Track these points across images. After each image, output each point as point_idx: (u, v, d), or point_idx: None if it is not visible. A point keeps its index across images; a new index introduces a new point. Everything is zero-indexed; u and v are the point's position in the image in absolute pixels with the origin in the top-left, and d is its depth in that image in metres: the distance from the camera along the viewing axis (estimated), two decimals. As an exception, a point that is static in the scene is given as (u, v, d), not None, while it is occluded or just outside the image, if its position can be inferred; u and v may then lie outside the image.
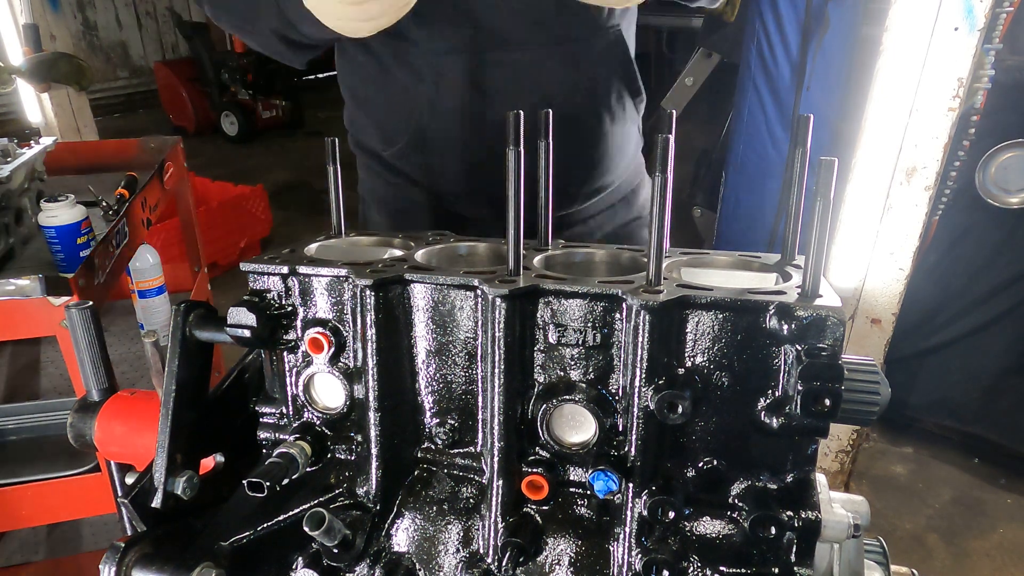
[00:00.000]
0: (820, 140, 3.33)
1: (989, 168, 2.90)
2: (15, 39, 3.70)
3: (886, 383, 0.68)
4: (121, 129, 9.09)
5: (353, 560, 0.74)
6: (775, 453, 0.70)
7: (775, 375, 0.68)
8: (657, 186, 0.68)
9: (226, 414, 0.85)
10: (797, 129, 0.73)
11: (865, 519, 0.74)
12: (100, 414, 0.91)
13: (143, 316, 2.72)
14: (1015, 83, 2.79)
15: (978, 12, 2.04)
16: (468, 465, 0.79)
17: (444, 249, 0.90)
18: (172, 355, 0.77)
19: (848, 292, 2.46)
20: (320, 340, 0.78)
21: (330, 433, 0.82)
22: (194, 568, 0.68)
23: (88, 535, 2.66)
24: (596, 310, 0.71)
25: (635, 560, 0.71)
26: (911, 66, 2.15)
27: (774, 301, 0.66)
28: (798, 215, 0.78)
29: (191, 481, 0.77)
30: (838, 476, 2.74)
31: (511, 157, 0.72)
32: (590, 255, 0.88)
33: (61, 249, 1.97)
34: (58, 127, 3.92)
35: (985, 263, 3.09)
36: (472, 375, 0.77)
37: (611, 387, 0.72)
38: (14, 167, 2.07)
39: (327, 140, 0.88)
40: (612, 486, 0.70)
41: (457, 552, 0.76)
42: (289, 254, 0.83)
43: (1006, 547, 2.85)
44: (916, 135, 2.22)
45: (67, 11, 9.81)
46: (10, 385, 2.71)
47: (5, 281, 1.76)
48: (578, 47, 1.41)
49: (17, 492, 1.98)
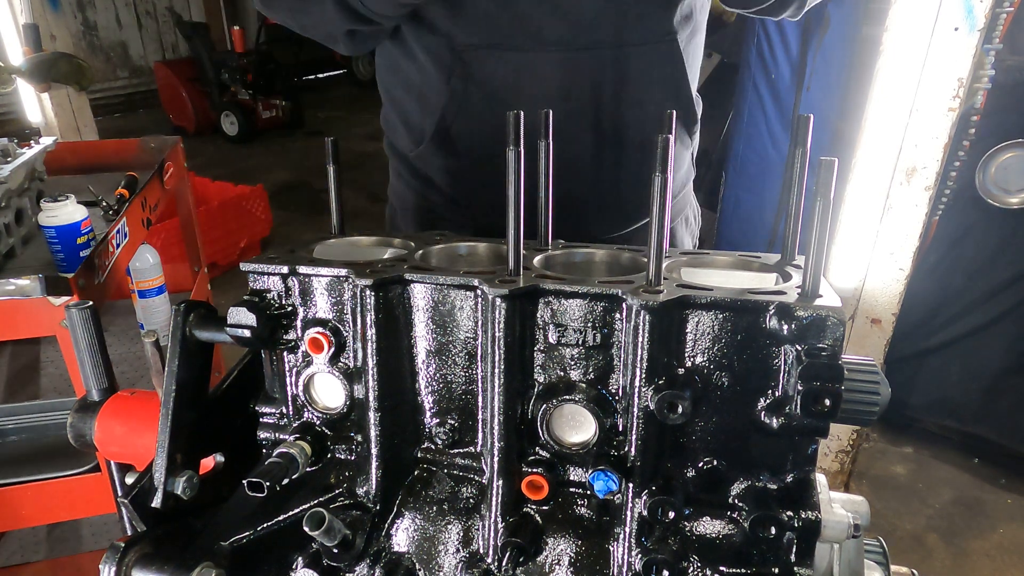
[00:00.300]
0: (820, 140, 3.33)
1: (989, 168, 2.91)
2: (15, 39, 3.70)
3: (886, 383, 0.68)
4: (121, 129, 9.09)
5: (353, 560, 0.74)
6: (775, 453, 0.70)
7: (775, 375, 0.68)
8: (657, 186, 0.68)
9: (226, 414, 0.85)
10: (797, 129, 0.73)
11: (865, 519, 0.74)
12: (100, 414, 0.91)
13: (143, 316, 2.72)
14: (1015, 83, 2.79)
15: (978, 12, 2.04)
16: (468, 465, 0.79)
17: (444, 249, 0.90)
18: (172, 355, 0.77)
19: (848, 292, 2.46)
20: (320, 340, 0.78)
21: (330, 433, 0.82)
22: (194, 568, 0.68)
23: (88, 535, 2.66)
24: (596, 310, 0.71)
25: (635, 560, 0.71)
26: (911, 66, 2.16)
27: (774, 301, 0.66)
28: (798, 215, 0.78)
29: (191, 481, 0.77)
30: (838, 476, 2.74)
31: (511, 157, 0.72)
32: (590, 255, 0.88)
33: (61, 249, 1.97)
34: (58, 127, 3.92)
35: (985, 263, 3.09)
36: (472, 375, 0.77)
37: (611, 387, 0.72)
38: (14, 167, 2.07)
39: (327, 140, 0.88)
40: (612, 486, 0.70)
41: (457, 552, 0.76)
42: (289, 254, 0.83)
43: (1006, 547, 2.85)
44: (916, 135, 2.22)
45: (67, 11, 9.81)
46: (10, 385, 2.71)
47: (5, 281, 1.76)
48: (625, 53, 1.30)
49: (17, 492, 1.98)
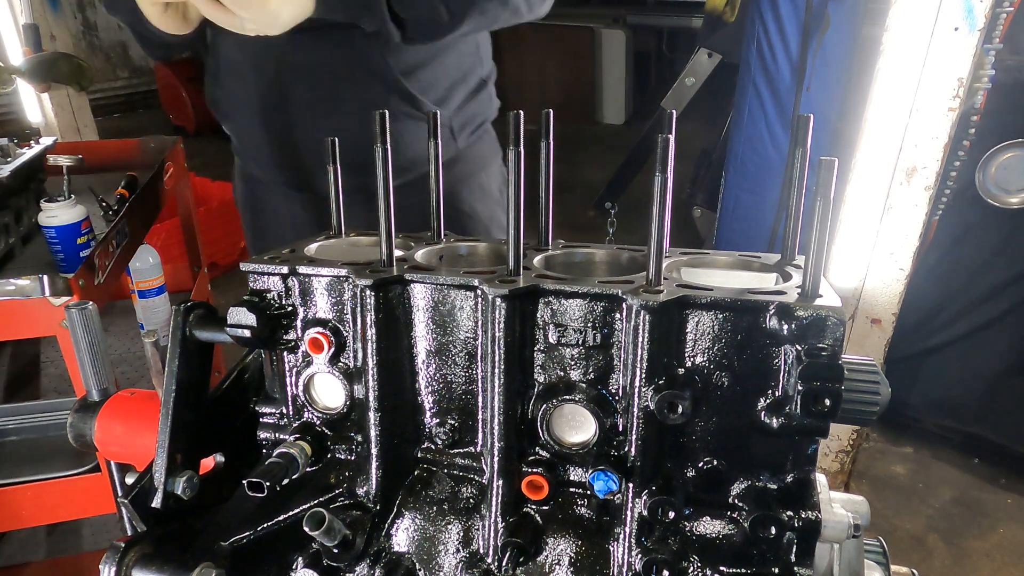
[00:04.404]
0: (820, 140, 3.33)
1: (989, 168, 2.90)
2: (15, 39, 3.70)
3: (886, 383, 0.68)
4: (121, 129, 9.08)
5: (353, 560, 0.74)
6: (775, 453, 0.70)
7: (775, 375, 0.68)
8: (657, 186, 0.68)
9: (226, 414, 0.85)
10: (797, 129, 0.73)
11: (865, 519, 0.74)
12: (100, 414, 0.91)
13: (143, 316, 2.72)
14: (1015, 83, 2.79)
15: (978, 12, 2.04)
16: (468, 465, 0.79)
17: (444, 249, 0.90)
18: (172, 355, 0.77)
19: (848, 292, 2.46)
20: (320, 340, 0.78)
21: (330, 433, 0.82)
22: (194, 568, 0.68)
23: (88, 535, 2.66)
24: (596, 310, 0.71)
25: (635, 560, 0.71)
26: (911, 66, 2.16)
27: (774, 301, 0.66)
28: (798, 215, 0.78)
29: (191, 481, 0.77)
30: (838, 476, 2.74)
31: (511, 157, 0.72)
32: (590, 255, 0.88)
33: (61, 249, 1.97)
34: (58, 127, 3.92)
35: (985, 263, 3.09)
36: (472, 375, 0.77)
37: (611, 387, 0.72)
38: (14, 167, 2.07)
39: (327, 140, 0.88)
40: (612, 486, 0.70)
41: (457, 552, 0.76)
42: (289, 254, 0.83)
43: (1006, 547, 2.85)
44: (916, 135, 2.22)
45: (67, 11, 9.79)
46: (10, 385, 2.71)
47: (5, 281, 1.76)
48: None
49: (17, 492, 1.98)
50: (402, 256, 0.84)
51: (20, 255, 2.08)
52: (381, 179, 0.78)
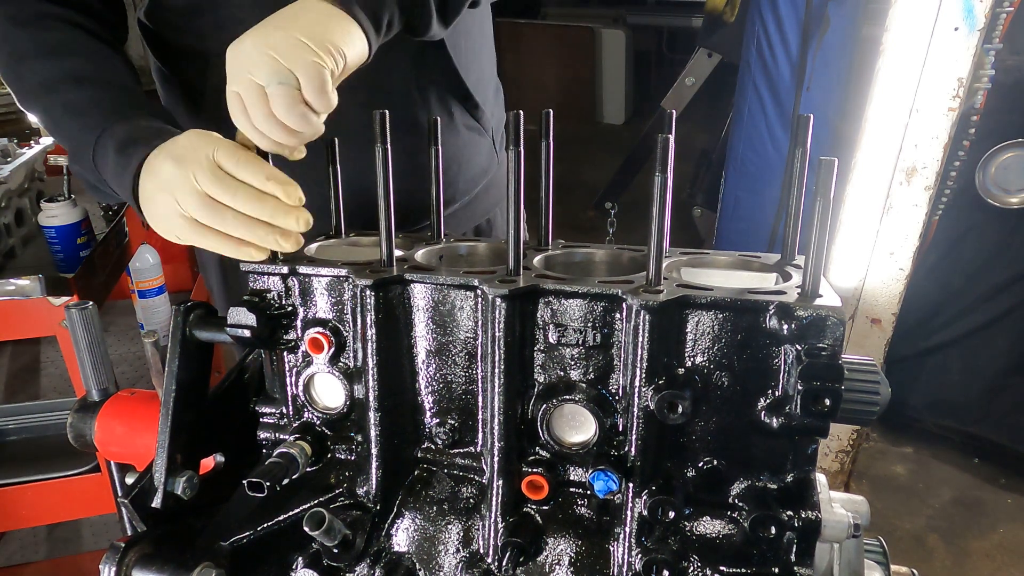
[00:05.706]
0: (820, 140, 3.33)
1: (989, 168, 2.90)
2: (15, 39, 3.69)
3: (886, 383, 0.68)
4: (121, 129, 9.05)
5: (353, 560, 0.74)
6: (775, 453, 0.70)
7: (775, 375, 0.68)
8: (657, 186, 0.68)
9: (226, 414, 0.85)
10: (797, 129, 0.73)
11: (865, 519, 0.74)
12: (100, 414, 0.91)
13: (143, 316, 2.72)
14: (1015, 83, 2.79)
15: (978, 12, 2.04)
16: (468, 465, 0.79)
17: (444, 249, 0.90)
18: (172, 355, 0.77)
19: (848, 292, 2.46)
20: (320, 340, 0.78)
21: (330, 433, 0.82)
22: (194, 568, 0.68)
23: (88, 535, 2.66)
24: (596, 310, 0.71)
25: (635, 560, 0.71)
26: (911, 66, 2.15)
27: (774, 301, 0.66)
28: (798, 215, 0.78)
29: (191, 481, 0.77)
30: (838, 476, 2.74)
31: (511, 157, 0.72)
32: (590, 255, 0.88)
33: (61, 249, 1.97)
34: (58, 127, 3.91)
35: (985, 263, 3.08)
36: (472, 375, 0.77)
37: (611, 387, 0.72)
38: (14, 167, 2.08)
39: (327, 141, 0.88)
40: (612, 486, 0.70)
41: (457, 552, 0.76)
42: (289, 254, 0.83)
43: (1006, 547, 2.85)
44: (916, 135, 2.22)
45: (67, 11, 9.79)
46: (10, 385, 2.71)
47: (5, 281, 1.77)
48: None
49: (17, 492, 1.98)
50: (402, 256, 0.84)
51: (20, 255, 2.08)
52: (381, 179, 0.77)
